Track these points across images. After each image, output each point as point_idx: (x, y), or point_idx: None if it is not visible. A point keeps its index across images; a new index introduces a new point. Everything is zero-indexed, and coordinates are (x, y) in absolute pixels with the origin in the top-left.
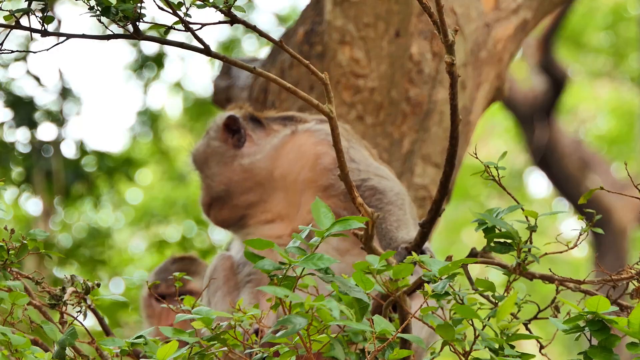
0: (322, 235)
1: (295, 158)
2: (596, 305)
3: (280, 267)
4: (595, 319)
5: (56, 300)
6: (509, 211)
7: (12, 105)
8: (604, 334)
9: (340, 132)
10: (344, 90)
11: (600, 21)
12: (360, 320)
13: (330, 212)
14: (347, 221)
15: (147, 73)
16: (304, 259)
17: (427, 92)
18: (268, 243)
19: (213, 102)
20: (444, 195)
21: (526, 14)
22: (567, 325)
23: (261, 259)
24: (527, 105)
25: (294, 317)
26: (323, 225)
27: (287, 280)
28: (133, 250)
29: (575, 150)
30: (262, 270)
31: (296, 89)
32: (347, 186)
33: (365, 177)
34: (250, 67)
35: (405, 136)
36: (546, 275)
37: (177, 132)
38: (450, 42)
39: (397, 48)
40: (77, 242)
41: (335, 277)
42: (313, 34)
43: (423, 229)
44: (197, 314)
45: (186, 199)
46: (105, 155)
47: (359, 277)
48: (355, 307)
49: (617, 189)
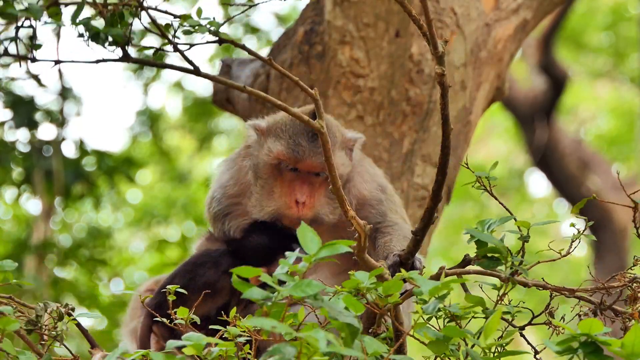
0: (310, 261)
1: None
2: (589, 327)
3: (269, 296)
4: (588, 341)
5: (33, 325)
6: (501, 223)
7: (12, 105)
8: (598, 356)
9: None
10: (344, 90)
11: (600, 21)
12: (350, 345)
13: (317, 236)
14: (335, 245)
15: (147, 73)
16: (293, 286)
17: (427, 92)
18: (256, 270)
19: (213, 102)
20: (436, 203)
21: (526, 14)
22: (560, 347)
23: (250, 287)
24: (527, 105)
25: (283, 346)
26: (310, 250)
27: (277, 307)
28: (133, 250)
29: (575, 150)
30: (251, 299)
31: (286, 105)
32: (339, 200)
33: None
34: (240, 87)
35: (405, 136)
36: (539, 284)
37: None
38: (440, 53)
39: (397, 48)
40: (77, 242)
41: (324, 303)
42: (313, 34)
43: (416, 237)
44: (188, 340)
45: (186, 198)
46: (105, 155)
47: (349, 301)
48: (345, 331)
49: (617, 189)
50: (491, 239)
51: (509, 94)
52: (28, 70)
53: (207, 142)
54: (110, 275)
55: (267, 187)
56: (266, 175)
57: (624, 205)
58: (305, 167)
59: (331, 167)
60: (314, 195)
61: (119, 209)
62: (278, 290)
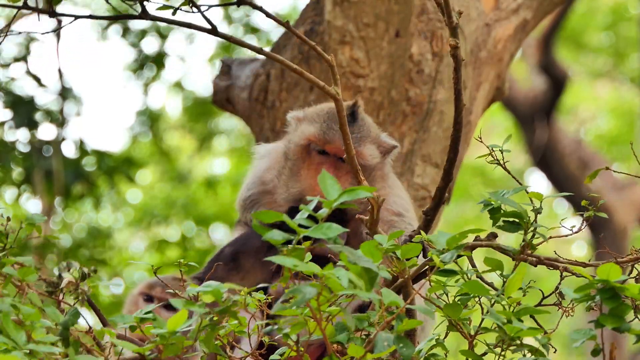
0: (330, 206)
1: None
2: (607, 273)
3: (290, 238)
4: (606, 287)
5: (53, 287)
6: (514, 192)
7: (12, 105)
8: (615, 302)
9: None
10: (344, 91)
11: (601, 21)
12: (369, 290)
13: (337, 184)
14: (355, 191)
15: (147, 73)
16: (313, 228)
17: (427, 92)
18: (277, 215)
19: (213, 102)
20: (447, 182)
21: (526, 14)
22: (578, 293)
23: (270, 231)
24: (527, 105)
25: (304, 286)
26: (330, 195)
27: (297, 251)
28: (133, 250)
29: (575, 150)
30: (271, 241)
31: (302, 70)
32: (353, 170)
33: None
34: (257, 48)
35: (405, 136)
36: (551, 259)
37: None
38: (454, 24)
39: (397, 48)
40: (77, 242)
41: (344, 247)
42: (313, 34)
43: (427, 217)
44: (207, 287)
45: (186, 198)
46: (105, 155)
47: (367, 250)
48: (364, 277)
49: (617, 189)
50: (513, 203)
51: (509, 94)
52: (28, 70)
53: (207, 142)
54: (110, 275)
55: (295, 169)
56: (295, 156)
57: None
58: (333, 150)
59: (346, 135)
60: (338, 180)
61: (119, 209)
62: (299, 232)
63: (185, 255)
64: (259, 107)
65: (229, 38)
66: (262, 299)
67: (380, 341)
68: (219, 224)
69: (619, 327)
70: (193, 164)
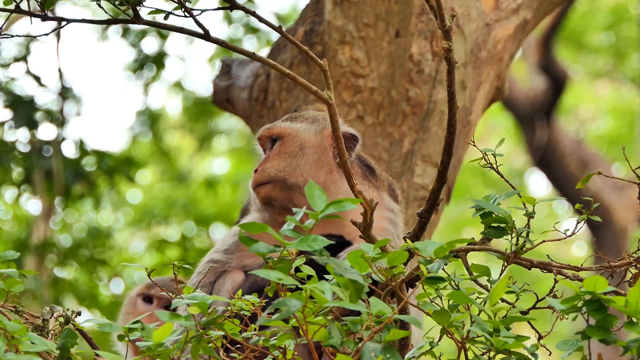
0: (316, 217)
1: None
2: (594, 285)
3: (275, 250)
4: (592, 299)
5: (39, 331)
6: (506, 197)
7: (12, 105)
8: (602, 314)
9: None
10: (344, 90)
11: (601, 21)
12: (355, 301)
13: (324, 194)
14: (341, 202)
15: (147, 73)
16: (299, 240)
17: (427, 92)
18: (262, 226)
19: (213, 102)
20: (442, 184)
21: (526, 14)
22: (564, 305)
23: (255, 242)
24: (527, 105)
25: (289, 299)
26: (317, 207)
27: (282, 263)
28: (133, 250)
29: (575, 150)
30: (257, 254)
31: (295, 75)
32: (346, 174)
33: None
34: (250, 52)
35: (405, 136)
36: (543, 262)
37: (177, 132)
38: (447, 27)
39: (397, 48)
40: (77, 242)
41: (329, 259)
42: (313, 34)
43: (421, 219)
44: (193, 299)
45: (186, 198)
46: (105, 155)
47: (354, 260)
48: (350, 288)
49: (617, 189)
50: (497, 209)
51: (509, 94)
52: (28, 70)
53: (207, 142)
54: (110, 275)
55: None
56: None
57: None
58: (261, 137)
59: (339, 139)
60: (265, 161)
61: (119, 209)
62: (284, 244)
63: (185, 256)
64: (259, 107)
65: (222, 43)
66: (256, 302)
67: (368, 352)
68: (219, 224)
69: (606, 339)
70: (193, 164)
